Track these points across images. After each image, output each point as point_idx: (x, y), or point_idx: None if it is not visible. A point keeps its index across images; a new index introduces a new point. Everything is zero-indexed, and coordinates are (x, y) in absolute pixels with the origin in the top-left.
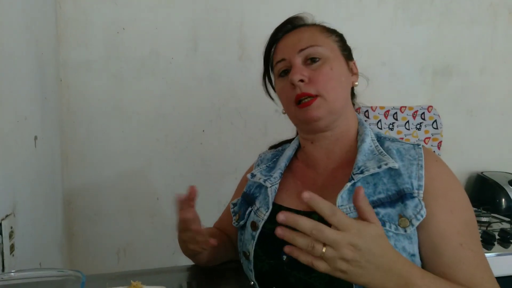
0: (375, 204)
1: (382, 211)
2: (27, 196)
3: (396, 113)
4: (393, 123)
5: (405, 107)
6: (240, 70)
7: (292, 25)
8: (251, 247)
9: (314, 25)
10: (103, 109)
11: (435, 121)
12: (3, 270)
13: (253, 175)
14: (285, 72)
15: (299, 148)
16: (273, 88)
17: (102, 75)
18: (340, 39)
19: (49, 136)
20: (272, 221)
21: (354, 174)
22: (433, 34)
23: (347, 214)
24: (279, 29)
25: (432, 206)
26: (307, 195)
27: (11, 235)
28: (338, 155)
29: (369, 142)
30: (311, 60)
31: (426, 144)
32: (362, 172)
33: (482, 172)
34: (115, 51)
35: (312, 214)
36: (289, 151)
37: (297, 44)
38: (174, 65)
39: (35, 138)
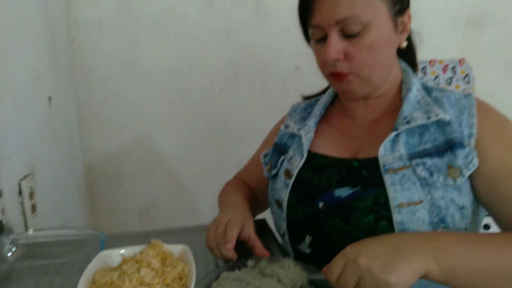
0: (421, 154)
1: (429, 161)
2: (45, 157)
3: (425, 67)
4: (422, 78)
5: (435, 60)
6: (258, 25)
7: None
8: (284, 195)
9: None
10: (118, 69)
11: (467, 75)
12: (26, 229)
13: (286, 126)
14: (322, 39)
15: (335, 96)
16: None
17: (115, 34)
18: None
19: (63, 97)
20: (307, 169)
21: (399, 125)
22: None
23: (389, 164)
24: None
25: (486, 149)
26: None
27: (31, 195)
28: (379, 106)
29: (415, 92)
30: (349, 30)
31: None
32: (408, 123)
33: None
34: (127, 8)
35: (352, 161)
36: (325, 99)
37: (334, 11)
38: (188, 22)
39: (49, 98)
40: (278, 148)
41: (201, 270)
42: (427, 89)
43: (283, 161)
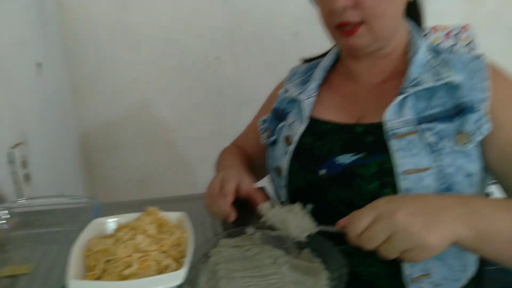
0: (428, 119)
1: (438, 126)
2: (37, 125)
3: (426, 34)
4: None
5: (438, 26)
6: None
7: None
8: (284, 163)
9: None
10: (111, 35)
11: (471, 41)
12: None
13: (286, 90)
14: None
15: (337, 59)
16: None
17: None
18: None
19: (54, 63)
20: (307, 135)
21: (405, 87)
22: None
23: (396, 129)
24: None
25: (501, 115)
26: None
27: (25, 164)
28: (384, 68)
29: (423, 53)
30: None
31: None
32: (416, 85)
33: None
34: None
35: (356, 126)
36: (326, 62)
37: None
38: None
39: (38, 64)
40: (278, 114)
41: (199, 238)
42: (435, 50)
43: (282, 127)
